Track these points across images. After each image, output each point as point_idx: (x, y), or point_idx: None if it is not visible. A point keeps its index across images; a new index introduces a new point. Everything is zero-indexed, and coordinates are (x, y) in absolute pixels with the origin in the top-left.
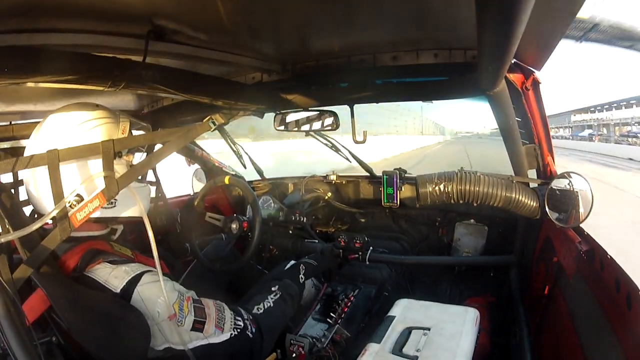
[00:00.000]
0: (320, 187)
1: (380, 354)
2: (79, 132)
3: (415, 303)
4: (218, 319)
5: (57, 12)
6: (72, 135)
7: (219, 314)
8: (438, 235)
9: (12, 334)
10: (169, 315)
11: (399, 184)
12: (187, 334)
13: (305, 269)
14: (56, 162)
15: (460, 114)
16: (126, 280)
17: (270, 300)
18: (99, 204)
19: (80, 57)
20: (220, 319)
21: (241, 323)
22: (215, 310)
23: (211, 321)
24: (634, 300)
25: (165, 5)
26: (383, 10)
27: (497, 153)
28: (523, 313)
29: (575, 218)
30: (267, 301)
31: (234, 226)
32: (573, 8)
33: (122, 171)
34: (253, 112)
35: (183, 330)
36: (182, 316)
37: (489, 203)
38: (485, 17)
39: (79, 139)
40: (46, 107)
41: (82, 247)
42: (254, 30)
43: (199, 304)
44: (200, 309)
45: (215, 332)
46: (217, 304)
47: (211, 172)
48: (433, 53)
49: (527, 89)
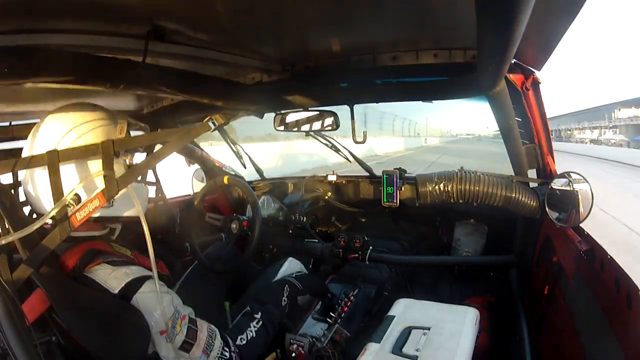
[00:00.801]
0: (320, 187)
1: (380, 353)
2: (77, 133)
3: (415, 303)
4: (207, 344)
5: (57, 12)
6: (70, 135)
7: (209, 340)
8: (438, 235)
9: (12, 334)
10: (160, 330)
11: (398, 184)
12: (174, 351)
13: (289, 291)
14: (56, 162)
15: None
16: (125, 282)
17: (252, 330)
18: (99, 204)
19: (80, 58)
20: (209, 345)
21: (227, 354)
22: (206, 335)
23: (200, 345)
24: (634, 300)
25: (165, 5)
26: (383, 10)
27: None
28: (523, 313)
29: (575, 218)
30: (250, 330)
31: (234, 226)
32: (573, 8)
33: (119, 171)
34: (253, 113)
35: (170, 347)
36: (173, 333)
37: (489, 203)
38: (485, 17)
39: (77, 140)
40: (46, 108)
41: (81, 247)
42: (254, 31)
43: (193, 325)
44: (192, 331)
45: (201, 356)
46: (211, 329)
47: (211, 172)
48: (433, 53)
49: (527, 89)
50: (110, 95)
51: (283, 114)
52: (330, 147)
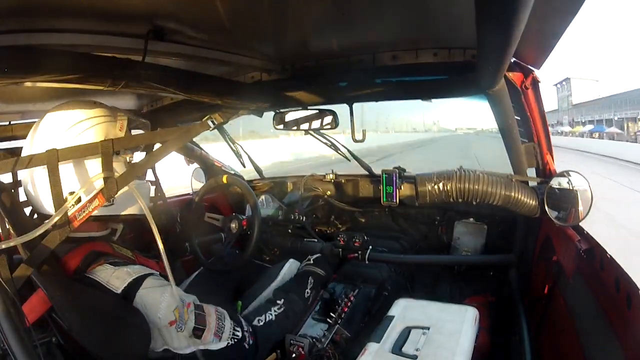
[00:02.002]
0: (319, 186)
1: (379, 353)
2: (77, 131)
3: (415, 302)
4: (217, 327)
5: (57, 12)
6: (70, 133)
7: (219, 323)
8: (437, 234)
9: (12, 334)
10: (169, 321)
11: (398, 183)
12: (186, 340)
13: (313, 282)
14: (56, 161)
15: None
16: (128, 282)
17: (272, 313)
18: (98, 203)
19: (80, 57)
20: (220, 328)
21: (239, 334)
22: (215, 318)
23: (210, 329)
24: (634, 300)
25: (165, 5)
26: (382, 10)
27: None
28: (523, 312)
29: (574, 217)
30: (269, 313)
31: (234, 225)
32: (573, 8)
33: (120, 170)
34: (252, 112)
35: (182, 336)
36: (182, 322)
37: (489, 202)
38: (485, 17)
39: (77, 138)
40: (46, 107)
41: (83, 248)
42: (254, 30)
43: (200, 311)
44: (201, 316)
45: (213, 340)
46: (219, 312)
47: (210, 171)
48: (432, 52)
49: (526, 88)
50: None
51: (282, 112)
52: (329, 145)
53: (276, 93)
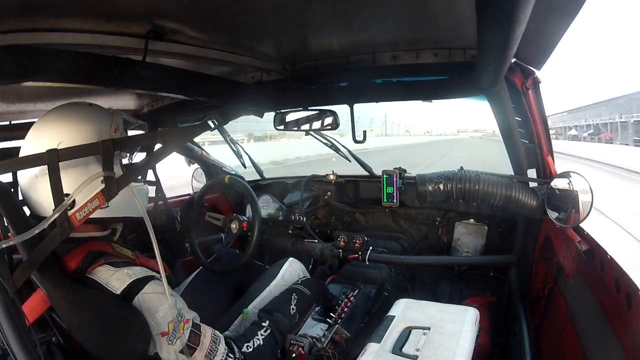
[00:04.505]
0: (319, 187)
1: (380, 353)
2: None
3: (415, 303)
4: (210, 350)
5: (57, 12)
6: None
7: (212, 345)
8: (438, 235)
9: (12, 334)
10: (162, 331)
11: (398, 183)
12: (175, 354)
13: (297, 299)
14: (55, 161)
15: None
16: (127, 283)
17: (260, 338)
18: (98, 204)
19: (80, 57)
20: (212, 351)
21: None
22: (210, 340)
23: (202, 350)
24: (634, 300)
25: (165, 4)
26: (383, 10)
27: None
28: (523, 313)
29: (575, 218)
30: (257, 338)
31: (234, 226)
32: (573, 8)
33: (117, 171)
34: (253, 112)
35: (171, 349)
36: (174, 336)
37: (489, 202)
38: (486, 17)
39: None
40: (46, 107)
41: (83, 248)
42: (254, 30)
43: (196, 330)
44: (195, 335)
45: None
46: (215, 335)
47: (211, 171)
48: (433, 52)
49: (527, 89)
50: (110, 94)
51: (283, 113)
52: (329, 146)
53: (276, 93)
